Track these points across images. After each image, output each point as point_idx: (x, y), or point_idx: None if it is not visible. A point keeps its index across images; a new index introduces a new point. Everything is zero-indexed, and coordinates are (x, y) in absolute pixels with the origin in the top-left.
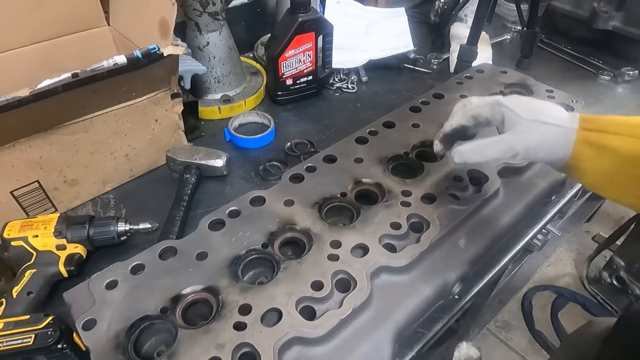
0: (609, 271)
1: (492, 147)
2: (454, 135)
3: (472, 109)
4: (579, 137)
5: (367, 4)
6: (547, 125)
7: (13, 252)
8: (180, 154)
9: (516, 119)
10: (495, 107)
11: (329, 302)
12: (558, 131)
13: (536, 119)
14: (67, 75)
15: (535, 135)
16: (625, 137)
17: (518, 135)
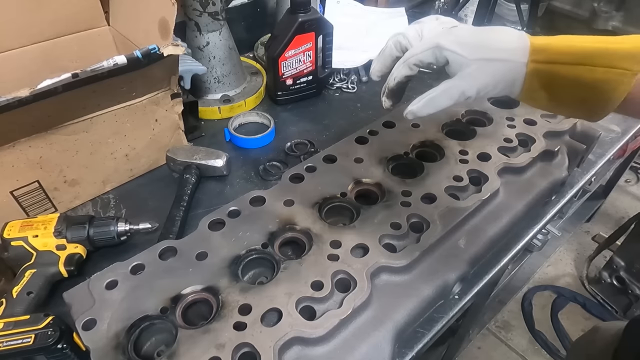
0: (609, 271)
1: (442, 97)
2: (400, 87)
3: (414, 58)
4: (529, 71)
5: (367, 4)
6: (495, 62)
7: (13, 252)
8: (180, 154)
9: (461, 60)
10: (436, 51)
11: (329, 302)
12: (508, 67)
13: (482, 57)
14: (67, 75)
15: (484, 75)
16: (575, 66)
17: (466, 78)
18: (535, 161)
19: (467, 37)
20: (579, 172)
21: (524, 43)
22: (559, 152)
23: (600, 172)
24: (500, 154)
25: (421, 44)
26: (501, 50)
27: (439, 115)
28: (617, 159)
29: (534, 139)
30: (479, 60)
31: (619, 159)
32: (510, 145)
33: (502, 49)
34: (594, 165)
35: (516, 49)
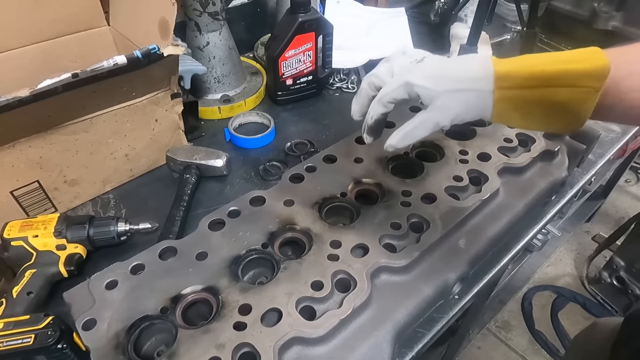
0: (609, 271)
1: (419, 129)
2: (378, 124)
3: (387, 96)
4: (496, 97)
5: (367, 4)
6: (462, 92)
7: (13, 252)
8: (180, 154)
9: (431, 93)
10: (407, 88)
11: (329, 302)
12: (475, 96)
13: (450, 89)
14: (67, 75)
15: (455, 105)
16: (539, 89)
17: (439, 110)
18: (535, 161)
19: (433, 70)
20: (579, 172)
21: (488, 71)
22: (559, 152)
23: (600, 172)
24: (500, 154)
25: (392, 82)
26: (467, 80)
27: None
28: (617, 159)
29: (534, 139)
30: (448, 92)
31: (619, 159)
32: (510, 145)
33: (467, 78)
34: (594, 165)
35: (480, 77)
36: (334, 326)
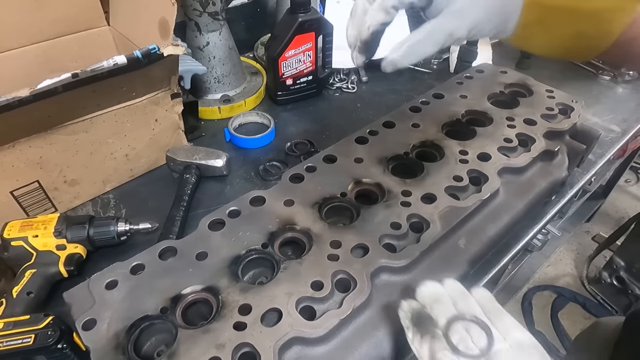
0: (609, 271)
1: (427, 43)
2: (375, 38)
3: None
4: (526, 2)
5: None
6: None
7: (13, 252)
8: (180, 154)
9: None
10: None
11: (329, 302)
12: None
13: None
14: (67, 75)
15: (476, 10)
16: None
17: (455, 16)
18: (535, 161)
19: None
20: (579, 172)
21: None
22: (559, 152)
23: (600, 172)
24: (500, 154)
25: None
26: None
27: (439, 115)
28: (617, 159)
29: (534, 139)
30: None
31: (619, 159)
32: (510, 145)
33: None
34: (594, 165)
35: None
36: (334, 326)
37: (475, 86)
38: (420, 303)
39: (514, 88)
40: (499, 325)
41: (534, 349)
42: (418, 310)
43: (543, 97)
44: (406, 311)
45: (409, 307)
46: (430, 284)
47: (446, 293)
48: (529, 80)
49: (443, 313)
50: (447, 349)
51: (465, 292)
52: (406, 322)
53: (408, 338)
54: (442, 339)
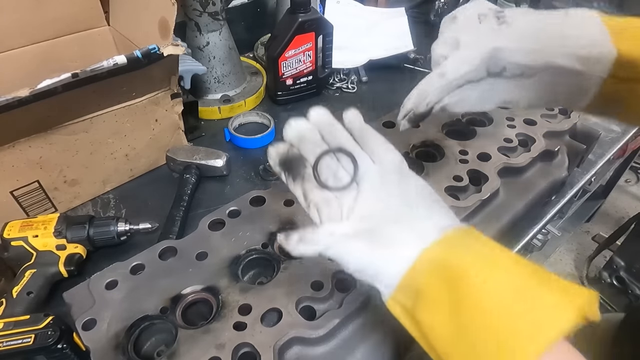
0: (609, 271)
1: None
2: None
3: (462, 77)
4: (606, 87)
5: (367, 4)
6: (565, 71)
7: (13, 252)
8: (180, 154)
9: (523, 70)
10: (491, 62)
11: (329, 302)
12: (578, 80)
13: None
14: (67, 75)
15: (548, 87)
16: None
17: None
18: (535, 161)
19: (532, 36)
20: (579, 172)
21: (608, 49)
22: (559, 152)
23: (600, 172)
24: (500, 154)
25: (466, 55)
26: (577, 58)
27: (439, 115)
28: (617, 159)
29: (534, 139)
30: (546, 70)
31: (619, 159)
32: (510, 145)
33: (578, 55)
34: (594, 165)
35: (595, 57)
36: (334, 326)
37: None
38: (288, 144)
39: None
40: (366, 147)
41: (396, 164)
42: (285, 153)
43: None
44: (274, 157)
45: (276, 152)
46: (294, 122)
47: (313, 128)
48: None
49: (311, 151)
50: (317, 187)
51: (332, 121)
52: (277, 168)
53: (284, 182)
54: (312, 177)
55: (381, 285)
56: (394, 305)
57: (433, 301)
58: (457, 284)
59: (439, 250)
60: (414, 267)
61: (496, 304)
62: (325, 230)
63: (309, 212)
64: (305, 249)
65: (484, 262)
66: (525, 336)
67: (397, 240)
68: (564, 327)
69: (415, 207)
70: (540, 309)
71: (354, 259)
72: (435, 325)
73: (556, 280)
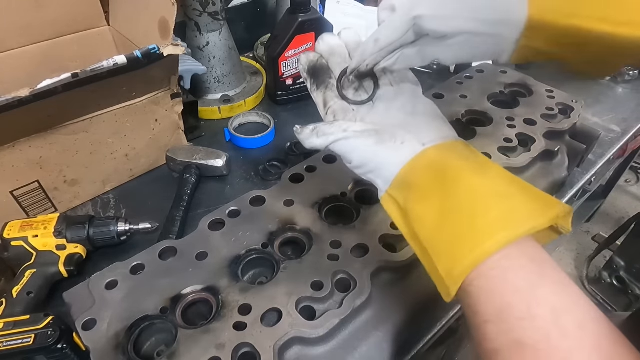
0: (609, 271)
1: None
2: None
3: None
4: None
5: (367, 4)
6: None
7: (13, 252)
8: (180, 154)
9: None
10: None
11: (329, 302)
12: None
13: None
14: (67, 75)
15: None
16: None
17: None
18: (535, 161)
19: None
20: (579, 172)
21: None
22: (559, 152)
23: (600, 172)
24: (500, 154)
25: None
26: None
27: None
28: (617, 159)
29: (534, 139)
30: (463, 34)
31: (619, 159)
32: (510, 145)
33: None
34: (594, 165)
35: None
36: (334, 326)
37: (475, 86)
38: (318, 55)
39: (514, 88)
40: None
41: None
42: (314, 62)
43: (543, 97)
44: (304, 64)
45: (306, 59)
46: (328, 37)
47: (343, 45)
48: (529, 80)
49: (338, 64)
50: (338, 97)
51: (360, 41)
52: (304, 74)
53: (308, 88)
54: (335, 88)
55: (379, 180)
56: (387, 200)
57: (424, 193)
58: (448, 181)
59: (436, 152)
60: (412, 162)
61: (478, 199)
62: (340, 125)
63: (326, 118)
64: (317, 141)
65: (474, 168)
66: (498, 227)
67: (400, 140)
68: (534, 225)
69: (422, 119)
70: (516, 209)
71: (359, 153)
72: (422, 214)
73: (536, 191)
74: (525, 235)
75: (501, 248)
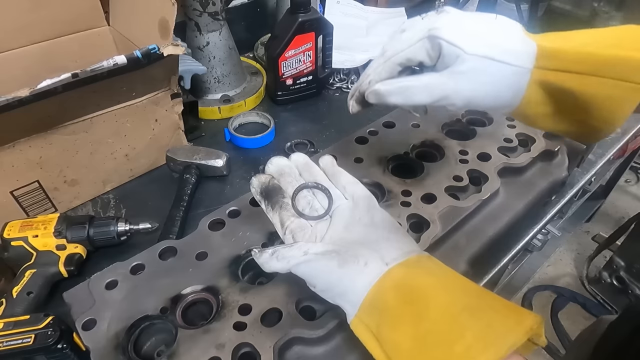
0: (609, 271)
1: (420, 92)
2: None
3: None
4: (533, 79)
5: (367, 4)
6: (497, 64)
7: (13, 252)
8: (180, 154)
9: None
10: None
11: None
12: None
13: (485, 55)
14: (67, 75)
15: (481, 79)
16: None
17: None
18: (535, 161)
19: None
20: (579, 172)
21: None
22: (559, 152)
23: (600, 172)
24: (500, 154)
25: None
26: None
27: (439, 115)
28: (617, 159)
29: (534, 139)
30: (480, 58)
31: (619, 159)
32: (510, 145)
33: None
34: (594, 165)
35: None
36: (334, 326)
37: None
38: (269, 176)
39: None
40: (338, 184)
41: (365, 199)
42: (266, 184)
43: None
44: (256, 187)
45: (258, 182)
46: (276, 159)
47: (292, 165)
48: None
49: (289, 183)
50: (294, 215)
51: (309, 162)
52: (257, 196)
53: (263, 209)
54: (289, 206)
55: (347, 304)
56: (358, 325)
57: (395, 318)
58: (417, 303)
59: (402, 270)
60: (378, 284)
61: (452, 319)
62: (300, 247)
63: (285, 239)
64: (277, 264)
65: (442, 284)
66: (477, 349)
67: (364, 260)
68: (514, 341)
69: (382, 234)
70: (491, 325)
71: (323, 277)
72: (397, 341)
73: (504, 302)
74: (509, 353)
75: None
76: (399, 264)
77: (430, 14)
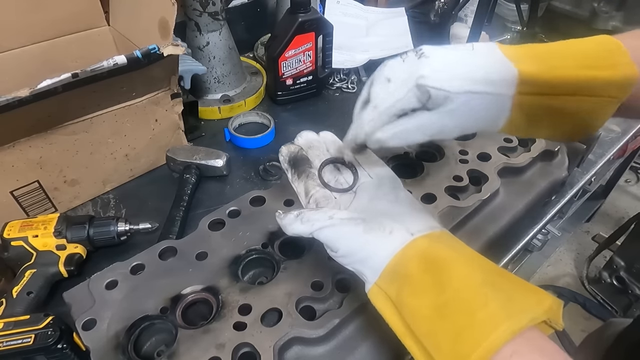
0: (609, 271)
1: (416, 133)
2: None
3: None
4: (515, 103)
5: (367, 4)
6: (480, 95)
7: (13, 252)
8: (180, 154)
9: (446, 95)
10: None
11: (329, 302)
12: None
13: (470, 90)
14: (67, 75)
15: (468, 112)
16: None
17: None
18: (535, 161)
19: (444, 65)
20: (579, 172)
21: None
22: (559, 152)
23: (600, 172)
24: (500, 154)
25: (395, 88)
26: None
27: None
28: (617, 159)
29: (534, 139)
30: (464, 94)
31: (619, 159)
32: (510, 145)
33: (489, 79)
34: (594, 165)
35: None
36: (334, 326)
37: None
38: (298, 147)
39: None
40: (365, 164)
41: (390, 179)
42: (295, 153)
43: None
44: (285, 155)
45: (287, 150)
46: (306, 133)
47: (321, 140)
48: None
49: (317, 156)
50: (320, 185)
51: (337, 140)
52: (285, 164)
53: (288, 178)
54: (316, 177)
55: (368, 270)
56: (376, 293)
57: (417, 285)
58: (440, 273)
59: (426, 242)
60: (402, 252)
61: (474, 290)
62: (325, 211)
63: (308, 207)
64: (300, 227)
65: (464, 259)
66: (500, 317)
67: (389, 229)
68: (534, 315)
69: (406, 210)
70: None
71: (347, 242)
72: (417, 308)
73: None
74: (529, 327)
75: (507, 340)
76: (423, 235)
77: (409, 55)
